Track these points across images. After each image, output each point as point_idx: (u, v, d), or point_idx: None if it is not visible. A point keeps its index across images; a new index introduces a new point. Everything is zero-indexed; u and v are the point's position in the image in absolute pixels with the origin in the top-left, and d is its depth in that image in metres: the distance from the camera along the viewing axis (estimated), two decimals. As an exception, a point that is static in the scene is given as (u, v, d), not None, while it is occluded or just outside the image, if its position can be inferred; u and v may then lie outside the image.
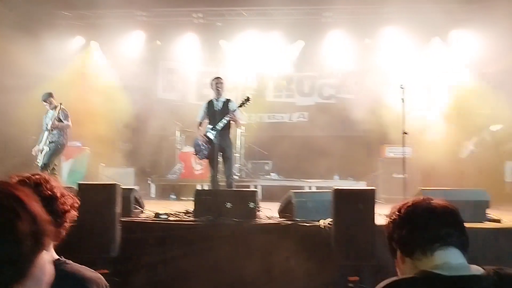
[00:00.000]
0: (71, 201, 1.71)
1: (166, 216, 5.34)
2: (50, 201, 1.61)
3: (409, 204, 1.59)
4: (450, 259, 1.47)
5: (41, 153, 7.41)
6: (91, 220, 4.34)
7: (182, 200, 8.63)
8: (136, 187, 7.24)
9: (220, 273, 4.68)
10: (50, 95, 7.63)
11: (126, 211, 5.04)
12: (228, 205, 5.09)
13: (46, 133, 7.45)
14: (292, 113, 11.18)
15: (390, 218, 1.62)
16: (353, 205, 4.46)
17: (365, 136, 10.24)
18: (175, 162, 10.02)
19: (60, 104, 7.52)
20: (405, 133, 6.62)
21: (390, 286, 1.46)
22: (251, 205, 5.13)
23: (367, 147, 9.95)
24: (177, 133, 10.05)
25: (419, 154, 8.61)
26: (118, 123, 9.99)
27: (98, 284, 1.64)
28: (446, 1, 9.29)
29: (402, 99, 6.61)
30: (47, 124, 7.50)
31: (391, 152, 9.03)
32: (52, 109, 7.58)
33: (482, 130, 8.72)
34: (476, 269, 1.46)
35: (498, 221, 5.12)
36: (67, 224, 1.69)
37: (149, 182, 9.68)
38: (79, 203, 1.75)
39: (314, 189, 8.79)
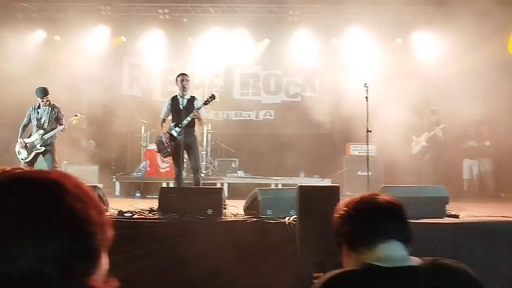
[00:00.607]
0: None
1: (130, 214, 5.26)
2: None
3: (356, 200, 1.65)
4: (391, 252, 1.52)
5: (28, 150, 7.06)
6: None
7: (147, 198, 8.53)
8: (100, 185, 7.11)
9: (185, 271, 4.64)
10: (47, 90, 7.16)
11: (89, 209, 4.93)
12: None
13: (41, 131, 7.06)
14: (259, 111, 11.19)
15: (338, 213, 1.67)
16: (318, 201, 4.51)
17: (330, 134, 10.41)
18: (140, 160, 9.87)
19: (81, 114, 7.33)
20: (369, 131, 6.74)
21: (333, 278, 1.49)
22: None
23: (333, 145, 10.11)
24: (142, 130, 9.89)
25: (382, 152, 8.80)
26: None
27: None
28: (406, 3, 9.51)
29: (366, 97, 6.72)
30: (39, 120, 7.10)
31: (356, 150, 9.20)
32: (47, 106, 7.13)
33: (435, 126, 8.97)
34: (415, 261, 1.52)
35: (456, 216, 5.29)
36: None
37: (113, 180, 9.50)
38: None
39: (280, 187, 8.85)
